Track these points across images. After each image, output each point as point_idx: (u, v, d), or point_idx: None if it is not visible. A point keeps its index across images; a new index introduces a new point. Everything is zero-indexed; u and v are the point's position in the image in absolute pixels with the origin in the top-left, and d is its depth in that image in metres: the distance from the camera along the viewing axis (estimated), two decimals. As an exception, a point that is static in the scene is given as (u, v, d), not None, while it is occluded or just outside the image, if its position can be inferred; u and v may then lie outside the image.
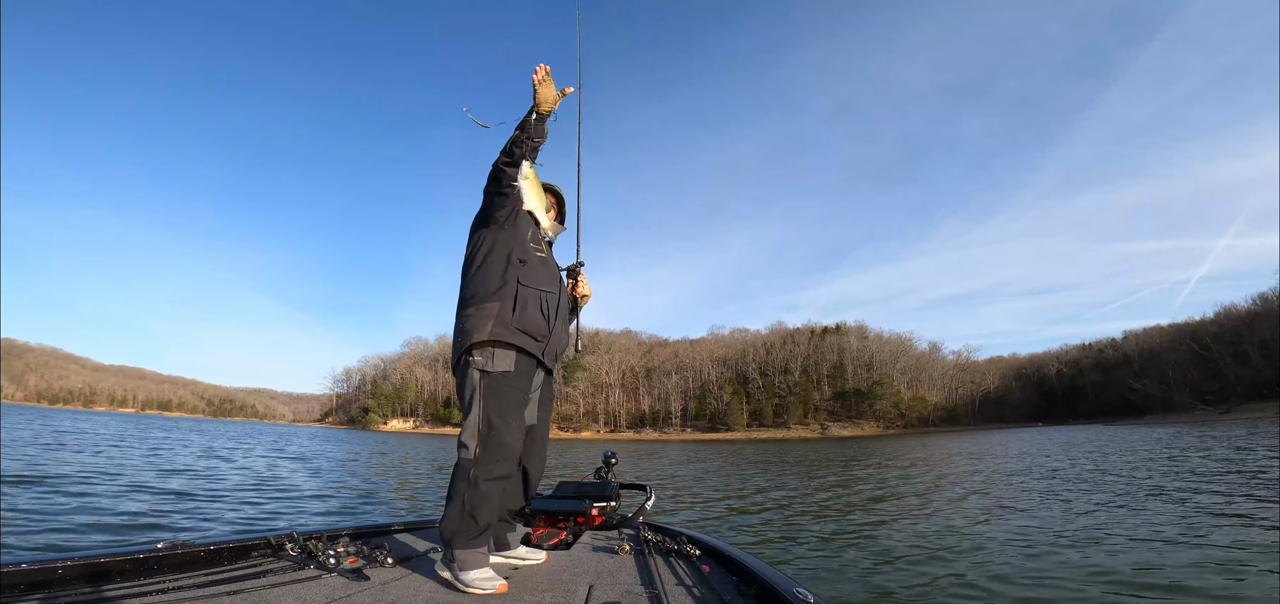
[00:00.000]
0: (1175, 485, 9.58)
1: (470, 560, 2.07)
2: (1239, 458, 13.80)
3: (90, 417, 72.11)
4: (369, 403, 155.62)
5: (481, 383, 2.26)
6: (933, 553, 5.51)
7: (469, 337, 2.30)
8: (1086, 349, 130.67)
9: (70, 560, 1.79)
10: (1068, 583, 4.38)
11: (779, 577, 1.93)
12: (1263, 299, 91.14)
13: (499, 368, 2.28)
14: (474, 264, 2.49)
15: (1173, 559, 4.92)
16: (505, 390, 2.27)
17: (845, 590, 4.40)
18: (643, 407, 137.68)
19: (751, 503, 9.85)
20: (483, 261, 2.46)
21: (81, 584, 1.77)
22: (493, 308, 2.34)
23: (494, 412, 2.23)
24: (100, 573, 1.83)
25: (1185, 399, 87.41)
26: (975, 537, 6.22)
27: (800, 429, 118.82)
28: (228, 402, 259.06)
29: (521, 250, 2.46)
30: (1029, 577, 4.57)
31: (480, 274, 2.44)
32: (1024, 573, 4.67)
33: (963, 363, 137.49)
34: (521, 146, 2.42)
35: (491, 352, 2.29)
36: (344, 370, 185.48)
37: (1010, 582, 4.46)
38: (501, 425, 2.22)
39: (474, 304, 2.38)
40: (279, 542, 2.40)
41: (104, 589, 1.74)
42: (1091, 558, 5.08)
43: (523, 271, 2.43)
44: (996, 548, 5.64)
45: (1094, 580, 4.40)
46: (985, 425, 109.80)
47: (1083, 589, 4.22)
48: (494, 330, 2.30)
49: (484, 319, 2.32)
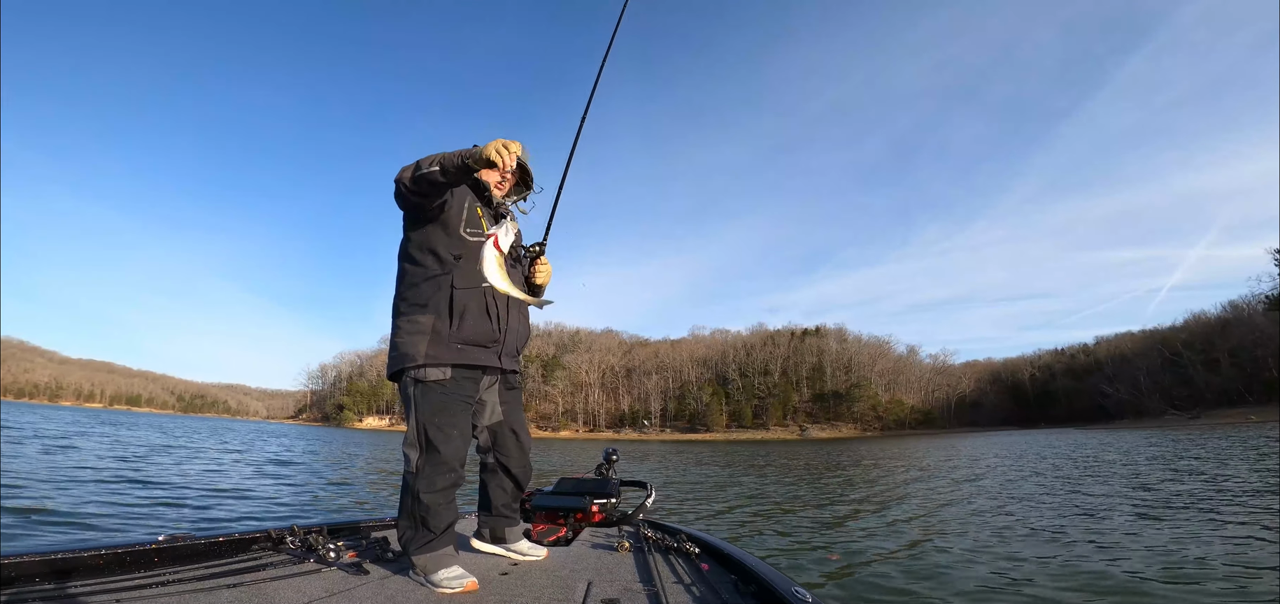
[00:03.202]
0: (1150, 487, 9.34)
1: (431, 564, 2.06)
2: (1201, 464, 13.34)
3: (57, 411, 69.52)
4: (344, 399, 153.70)
5: (417, 393, 2.17)
6: (911, 554, 5.43)
7: (404, 359, 2.17)
8: (1059, 355, 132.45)
9: (70, 552, 1.79)
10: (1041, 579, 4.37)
11: (778, 576, 1.94)
12: (1233, 307, 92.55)
13: (434, 378, 2.17)
14: (402, 265, 2.31)
15: (1141, 560, 4.87)
16: (444, 401, 2.17)
17: (829, 590, 4.35)
18: (622, 406, 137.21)
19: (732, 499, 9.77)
20: (412, 263, 2.24)
21: (80, 576, 1.78)
22: (426, 321, 2.19)
23: (431, 424, 2.15)
24: (100, 565, 1.84)
25: (1156, 405, 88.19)
26: (952, 536, 6.14)
27: (779, 430, 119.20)
28: (199, 397, 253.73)
29: (455, 244, 2.25)
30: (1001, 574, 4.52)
31: (409, 279, 2.26)
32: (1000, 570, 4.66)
33: (939, 366, 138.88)
34: (429, 185, 2.08)
35: (426, 369, 2.17)
36: (319, 366, 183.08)
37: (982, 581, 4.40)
38: (440, 437, 2.14)
39: (406, 316, 2.22)
40: (279, 535, 2.40)
41: (103, 582, 1.75)
42: (1058, 557, 5.06)
43: (459, 271, 2.22)
44: (977, 547, 5.58)
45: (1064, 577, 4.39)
46: (960, 429, 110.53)
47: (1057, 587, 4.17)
48: (429, 350, 2.17)
49: (418, 336, 2.18)
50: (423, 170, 2.04)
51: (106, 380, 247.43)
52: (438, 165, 2.02)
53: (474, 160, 2.00)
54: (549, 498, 3.58)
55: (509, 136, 2.02)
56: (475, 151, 2.00)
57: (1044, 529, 6.29)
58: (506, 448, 2.51)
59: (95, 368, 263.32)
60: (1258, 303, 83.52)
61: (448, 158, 2.03)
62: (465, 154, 2.00)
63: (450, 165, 2.01)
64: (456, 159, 2.01)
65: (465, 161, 2.00)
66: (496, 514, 2.55)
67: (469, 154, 2.00)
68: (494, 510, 2.56)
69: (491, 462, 2.54)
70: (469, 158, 2.00)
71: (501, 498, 2.55)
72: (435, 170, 2.02)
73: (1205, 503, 7.49)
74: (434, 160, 2.04)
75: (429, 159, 2.05)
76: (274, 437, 34.58)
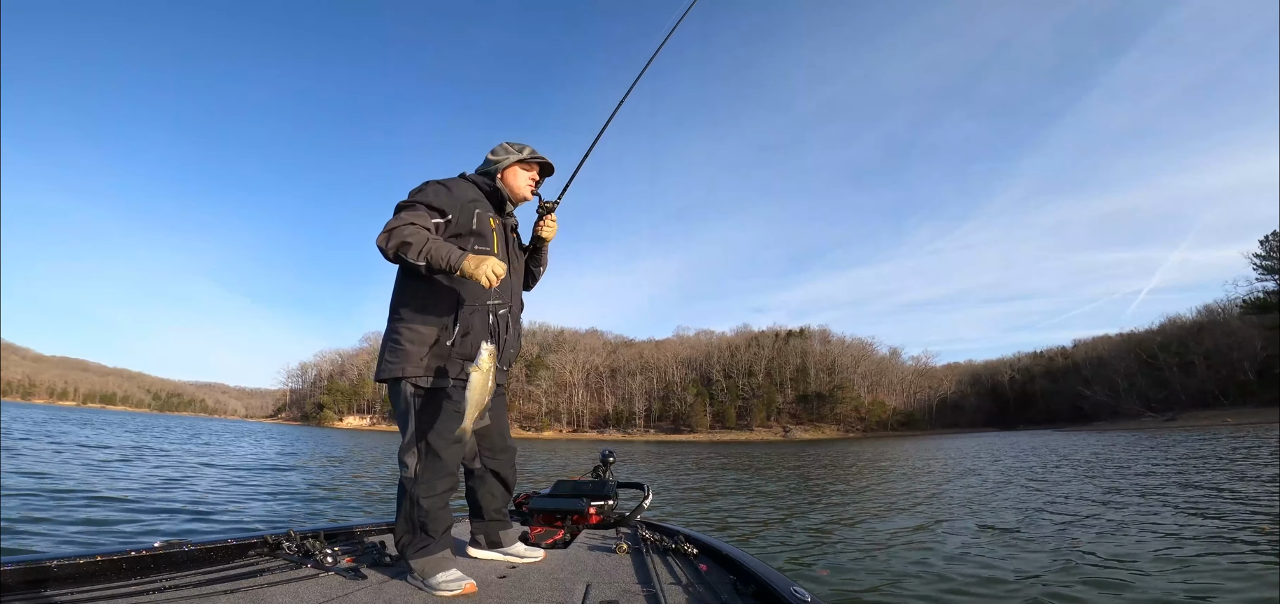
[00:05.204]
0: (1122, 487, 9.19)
1: (429, 567, 2.08)
2: (1177, 464, 13.10)
3: (30, 408, 67.17)
4: (324, 399, 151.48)
5: (416, 401, 2.18)
6: (890, 551, 5.48)
7: (403, 367, 2.18)
8: (1038, 357, 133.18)
9: (65, 559, 1.79)
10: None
11: (776, 575, 1.95)
12: (1208, 310, 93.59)
13: (435, 387, 2.19)
14: (403, 273, 2.30)
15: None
16: (444, 409, 2.19)
17: (821, 591, 4.28)
18: (606, 407, 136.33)
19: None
20: (415, 272, 2.19)
21: (77, 583, 1.78)
22: (429, 332, 2.21)
23: (431, 431, 2.17)
24: (96, 572, 1.84)
25: (1133, 407, 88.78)
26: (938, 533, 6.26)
27: (763, 431, 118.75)
28: (175, 396, 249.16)
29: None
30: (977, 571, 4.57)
31: (411, 287, 2.26)
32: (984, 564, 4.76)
33: (921, 368, 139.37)
34: (410, 266, 2.12)
35: (427, 378, 2.20)
36: (299, 365, 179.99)
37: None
38: (441, 444, 2.16)
39: (407, 323, 2.22)
40: (276, 540, 2.42)
41: (100, 588, 1.75)
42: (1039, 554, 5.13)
43: (467, 286, 2.24)
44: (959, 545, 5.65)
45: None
46: (941, 430, 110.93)
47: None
48: (431, 361, 2.19)
49: (419, 346, 2.19)
50: (406, 257, 2.08)
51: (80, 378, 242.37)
52: (424, 261, 2.07)
53: (458, 271, 2.07)
54: (546, 500, 3.59)
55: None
56: (464, 267, 2.06)
57: (1021, 529, 6.31)
58: (495, 452, 2.53)
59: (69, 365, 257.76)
60: (1233, 306, 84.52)
61: (434, 256, 2.07)
62: (452, 262, 2.06)
63: (436, 264, 2.07)
64: (442, 262, 2.06)
65: (450, 266, 2.06)
66: (490, 519, 2.54)
67: (454, 264, 2.06)
68: (487, 516, 2.55)
69: (480, 467, 2.53)
70: (454, 265, 2.06)
71: (493, 503, 2.55)
72: (421, 265, 2.08)
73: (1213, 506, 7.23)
74: (421, 254, 2.07)
75: (414, 248, 2.07)
76: (247, 436, 32.78)
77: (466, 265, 2.06)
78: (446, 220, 2.24)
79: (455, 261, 2.06)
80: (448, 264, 2.06)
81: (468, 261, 2.06)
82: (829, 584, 4.41)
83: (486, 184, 2.45)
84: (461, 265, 2.06)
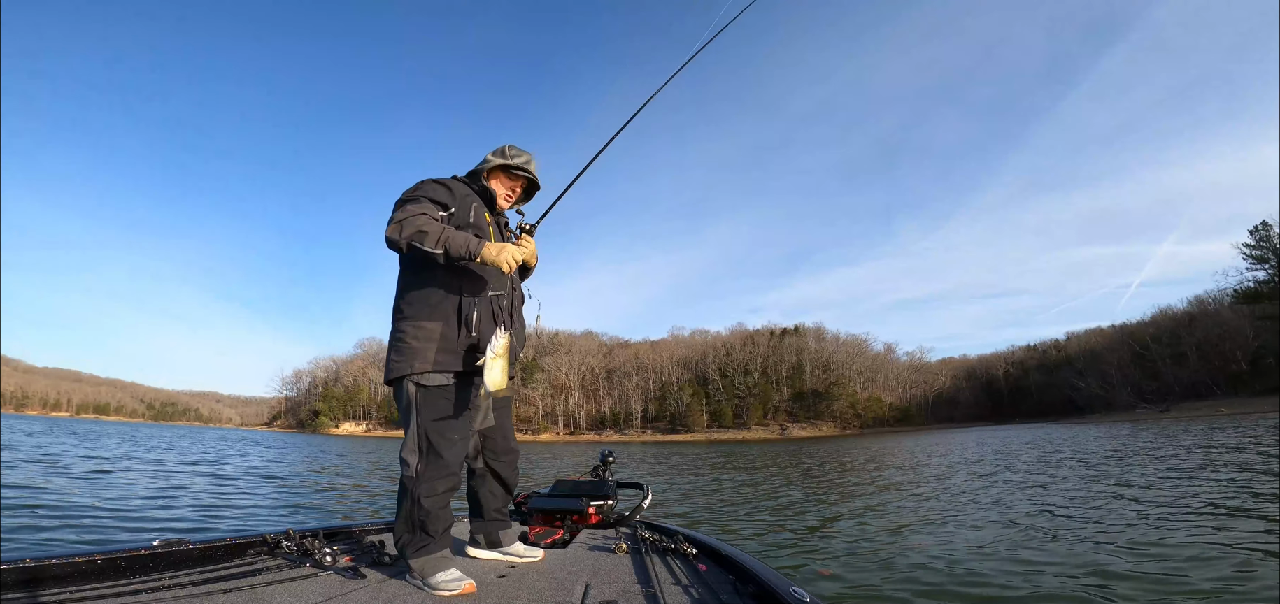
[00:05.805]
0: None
1: (429, 567, 2.08)
2: (1176, 455, 13.15)
3: (21, 420, 66.61)
4: (319, 406, 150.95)
5: (418, 397, 2.18)
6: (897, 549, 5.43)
7: (408, 365, 2.18)
8: (1031, 351, 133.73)
9: (64, 559, 1.80)
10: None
11: (776, 576, 1.94)
12: (1198, 302, 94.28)
13: (437, 383, 2.19)
14: (406, 271, 2.32)
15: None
16: (446, 407, 2.19)
17: (823, 587, 4.30)
18: (603, 408, 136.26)
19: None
20: (418, 269, 2.25)
21: (76, 582, 1.78)
22: (433, 328, 2.20)
23: (434, 429, 2.17)
24: (94, 571, 1.85)
25: (1126, 399, 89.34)
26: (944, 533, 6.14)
27: (759, 430, 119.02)
28: (169, 405, 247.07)
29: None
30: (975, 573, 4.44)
31: (414, 285, 2.27)
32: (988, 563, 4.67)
33: (916, 364, 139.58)
34: (425, 256, 2.14)
35: (430, 374, 2.19)
36: (293, 372, 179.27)
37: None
38: (443, 443, 2.17)
39: (412, 320, 2.23)
40: (275, 540, 2.43)
41: (99, 587, 1.76)
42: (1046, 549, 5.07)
43: (469, 278, 2.25)
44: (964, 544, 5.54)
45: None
46: (937, 425, 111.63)
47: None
48: (436, 357, 2.18)
49: (425, 343, 2.19)
50: (422, 246, 2.09)
51: (73, 389, 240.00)
52: (443, 249, 2.09)
53: (479, 258, 2.12)
54: (546, 500, 3.60)
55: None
56: (484, 253, 2.11)
57: (1020, 522, 6.32)
58: (498, 454, 2.54)
59: (62, 376, 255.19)
60: (1224, 297, 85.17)
61: (453, 244, 2.09)
62: (471, 250, 2.10)
63: (455, 251, 2.09)
64: (461, 249, 2.08)
65: (470, 253, 2.10)
66: (489, 519, 2.55)
67: (474, 251, 2.10)
68: (486, 515, 2.55)
69: (481, 467, 2.55)
70: (474, 252, 2.11)
71: (493, 502, 2.56)
72: (438, 254, 2.09)
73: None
74: (439, 242, 2.09)
75: (432, 237, 2.09)
76: (243, 444, 32.22)
77: (487, 252, 2.08)
78: (449, 213, 2.26)
79: (475, 249, 2.08)
80: (468, 251, 2.08)
81: (488, 248, 2.09)
82: (829, 583, 4.37)
83: (476, 184, 2.49)
84: (481, 252, 2.07)
